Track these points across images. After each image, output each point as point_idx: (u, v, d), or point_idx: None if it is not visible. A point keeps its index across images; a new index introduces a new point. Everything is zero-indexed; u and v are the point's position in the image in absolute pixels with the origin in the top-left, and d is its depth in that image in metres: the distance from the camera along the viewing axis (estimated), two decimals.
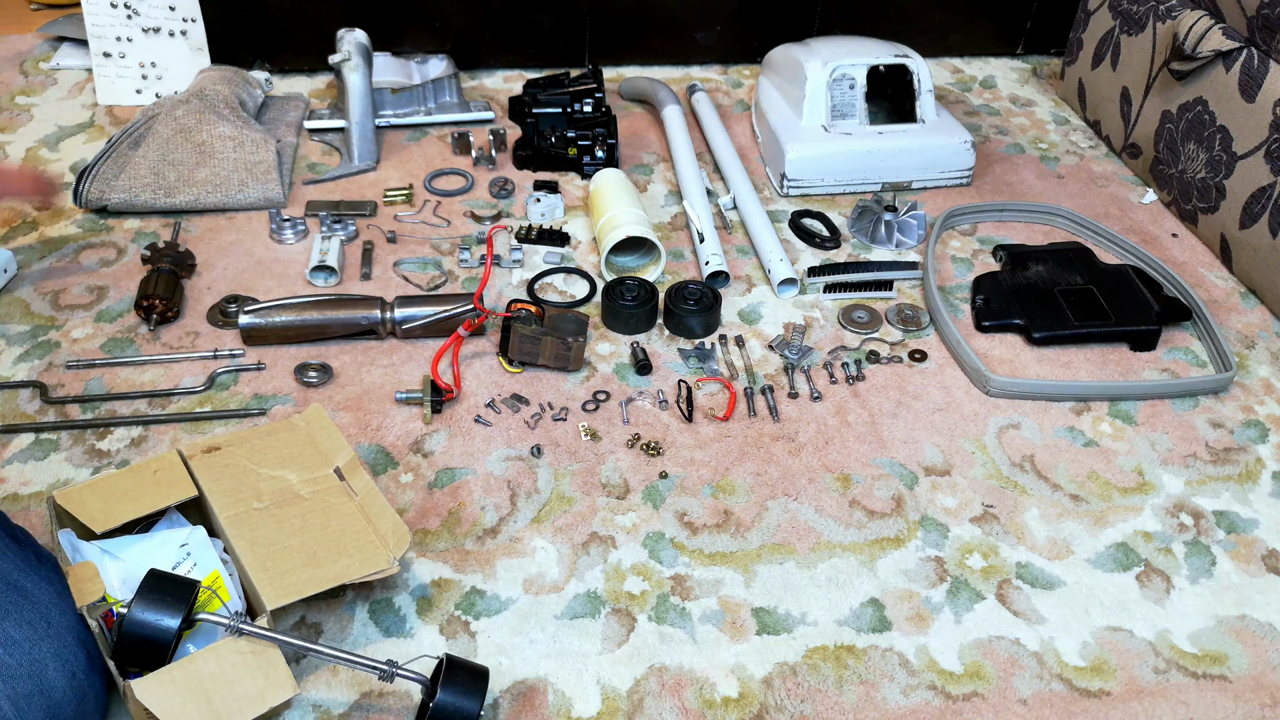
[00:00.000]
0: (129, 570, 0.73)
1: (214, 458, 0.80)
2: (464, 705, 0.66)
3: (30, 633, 0.63)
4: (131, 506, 0.75)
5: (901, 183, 1.29)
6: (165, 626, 0.65)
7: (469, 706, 0.66)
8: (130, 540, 0.76)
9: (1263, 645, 0.78)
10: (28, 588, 0.65)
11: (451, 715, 0.66)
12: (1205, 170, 1.19)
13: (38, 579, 0.67)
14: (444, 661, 0.68)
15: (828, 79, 1.27)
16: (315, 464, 0.81)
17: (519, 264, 1.15)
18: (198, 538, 0.76)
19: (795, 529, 0.85)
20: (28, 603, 0.64)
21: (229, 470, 0.79)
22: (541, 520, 0.85)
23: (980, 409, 0.98)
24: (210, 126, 1.21)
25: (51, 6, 1.68)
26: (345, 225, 1.17)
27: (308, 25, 1.46)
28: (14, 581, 0.65)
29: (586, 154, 1.31)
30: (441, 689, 0.66)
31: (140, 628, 0.65)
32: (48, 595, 0.66)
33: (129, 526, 0.76)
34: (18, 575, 0.66)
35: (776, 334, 1.06)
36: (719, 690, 0.73)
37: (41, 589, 0.66)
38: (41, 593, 0.66)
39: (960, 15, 1.60)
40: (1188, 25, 1.18)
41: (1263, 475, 0.92)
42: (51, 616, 0.65)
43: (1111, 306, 1.07)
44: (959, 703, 0.73)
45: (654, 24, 1.53)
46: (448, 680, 0.67)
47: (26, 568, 0.67)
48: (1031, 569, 0.83)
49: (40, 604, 0.65)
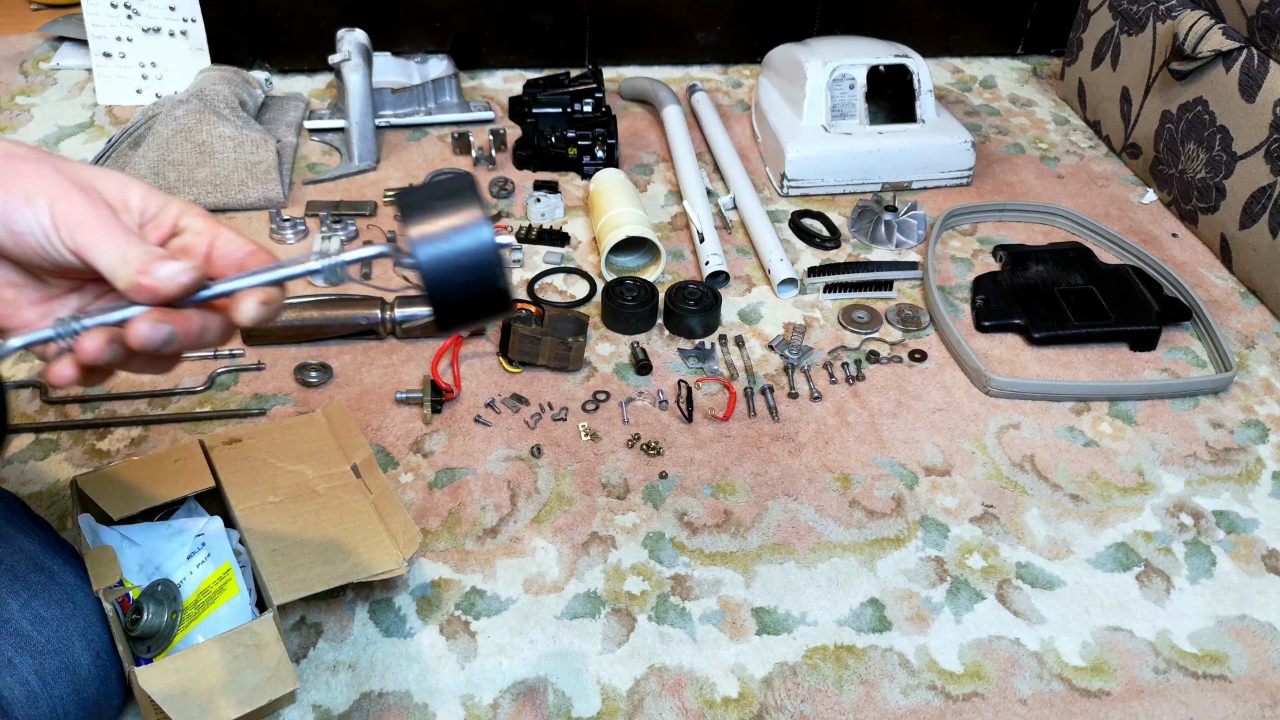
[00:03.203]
0: (146, 556, 0.74)
1: (235, 449, 0.81)
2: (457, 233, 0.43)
3: (58, 611, 0.64)
4: (150, 494, 0.76)
5: (901, 183, 1.29)
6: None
7: (476, 235, 0.44)
8: (148, 527, 0.76)
9: (1263, 645, 0.78)
10: (54, 569, 0.67)
11: (449, 262, 0.43)
12: (1205, 170, 1.19)
13: (61, 562, 0.68)
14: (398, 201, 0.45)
15: (828, 79, 1.27)
16: (333, 460, 0.81)
17: (519, 264, 1.15)
18: (213, 528, 0.76)
19: (795, 529, 0.85)
20: (54, 583, 0.65)
21: (248, 463, 0.80)
22: (541, 520, 0.85)
23: (980, 409, 0.98)
24: (210, 126, 1.21)
25: (51, 6, 1.68)
26: (345, 225, 1.17)
27: (308, 25, 1.46)
28: (41, 563, 0.66)
29: (586, 154, 1.31)
30: (413, 229, 0.43)
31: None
32: (72, 578, 0.67)
33: (149, 513, 0.77)
34: (44, 557, 0.67)
35: (776, 334, 1.06)
36: (719, 690, 0.73)
37: (66, 571, 0.67)
38: (66, 575, 0.67)
39: (960, 15, 1.60)
40: (1188, 25, 1.18)
41: (1263, 475, 0.92)
42: (77, 598, 0.66)
43: (1111, 306, 1.07)
44: (959, 703, 0.73)
45: (654, 24, 1.53)
46: (410, 216, 0.44)
47: (51, 551, 0.68)
48: (1031, 569, 0.83)
49: (66, 585, 0.66)
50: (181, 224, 0.47)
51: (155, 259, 0.42)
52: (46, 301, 0.47)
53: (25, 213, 0.42)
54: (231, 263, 0.46)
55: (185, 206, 0.47)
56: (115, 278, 0.42)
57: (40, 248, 0.43)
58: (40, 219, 0.42)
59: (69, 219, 0.42)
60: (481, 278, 0.43)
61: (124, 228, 0.43)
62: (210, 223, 0.47)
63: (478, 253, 0.43)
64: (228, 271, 0.45)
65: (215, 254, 0.46)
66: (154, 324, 0.42)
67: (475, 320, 0.46)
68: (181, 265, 0.42)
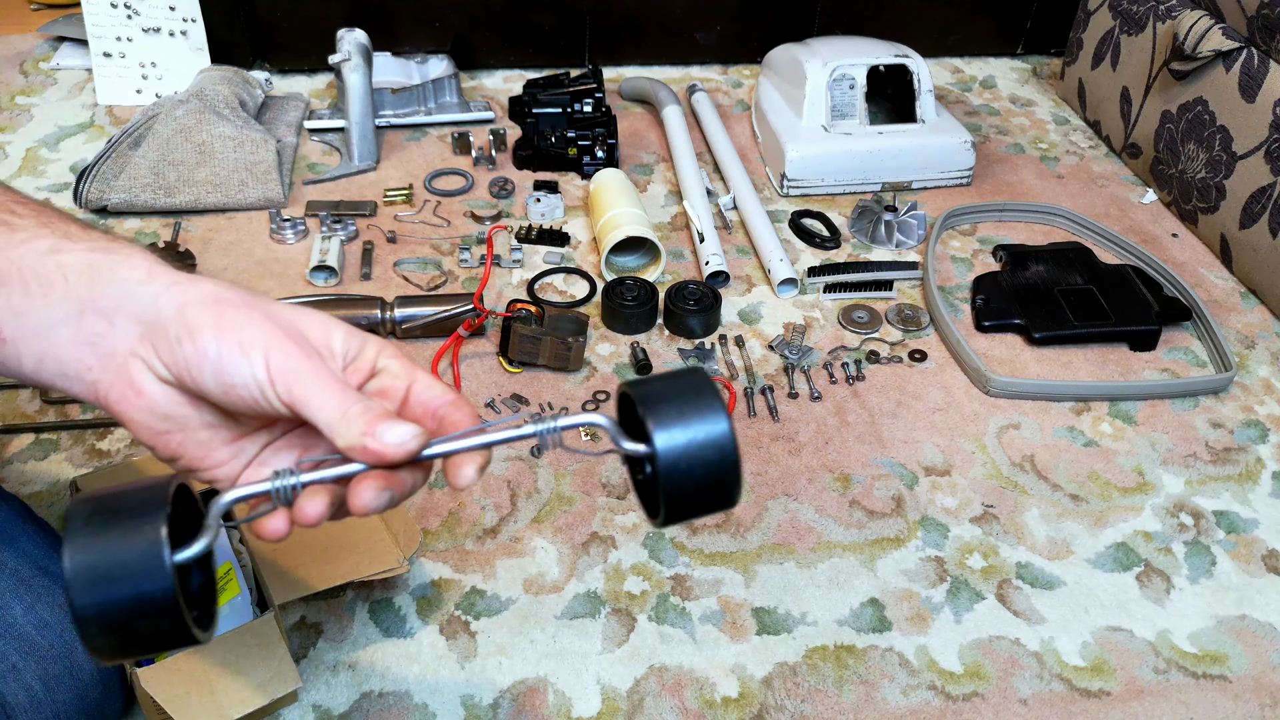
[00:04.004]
0: None
1: None
2: (707, 436, 0.42)
3: (62, 616, 0.63)
4: None
5: (901, 183, 1.29)
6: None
7: (716, 431, 0.42)
8: None
9: (1263, 645, 0.78)
10: (57, 573, 0.66)
11: (697, 463, 0.42)
12: (1205, 170, 1.19)
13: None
14: (624, 396, 0.44)
15: (828, 79, 1.27)
16: None
17: (519, 264, 1.15)
18: None
19: (795, 529, 0.85)
20: (58, 587, 0.65)
21: None
22: (541, 520, 0.85)
23: (980, 409, 0.98)
24: (210, 126, 1.21)
25: (51, 6, 1.68)
26: (345, 225, 1.17)
27: (308, 25, 1.46)
28: (44, 567, 0.66)
29: (586, 154, 1.31)
30: (656, 430, 0.41)
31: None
32: None
33: None
34: (47, 561, 0.67)
35: (776, 334, 1.06)
36: (719, 690, 0.73)
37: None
38: None
39: (960, 15, 1.60)
40: (1188, 25, 1.18)
41: (1263, 475, 0.92)
42: None
43: (1111, 306, 1.07)
44: (959, 703, 0.73)
45: (654, 24, 1.53)
46: (653, 410, 0.42)
47: (54, 555, 0.68)
48: (1031, 569, 0.83)
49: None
50: (379, 365, 0.46)
51: (378, 420, 0.41)
52: (238, 440, 0.46)
53: (241, 366, 0.41)
54: (429, 410, 0.45)
55: (382, 346, 0.46)
56: (335, 435, 0.41)
57: (254, 400, 0.42)
58: (256, 373, 0.41)
59: (284, 372, 0.41)
60: (715, 478, 0.42)
61: (340, 381, 0.42)
62: (408, 365, 0.46)
63: (717, 448, 0.41)
64: (425, 420, 0.44)
65: (412, 399, 0.46)
66: (378, 492, 0.41)
67: (697, 514, 0.44)
68: (410, 431, 0.41)
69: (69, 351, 0.43)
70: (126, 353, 0.43)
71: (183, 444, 0.45)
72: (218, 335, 0.41)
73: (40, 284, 0.43)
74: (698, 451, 0.41)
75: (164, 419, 0.44)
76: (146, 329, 0.43)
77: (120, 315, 0.43)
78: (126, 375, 0.43)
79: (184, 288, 0.43)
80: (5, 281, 0.43)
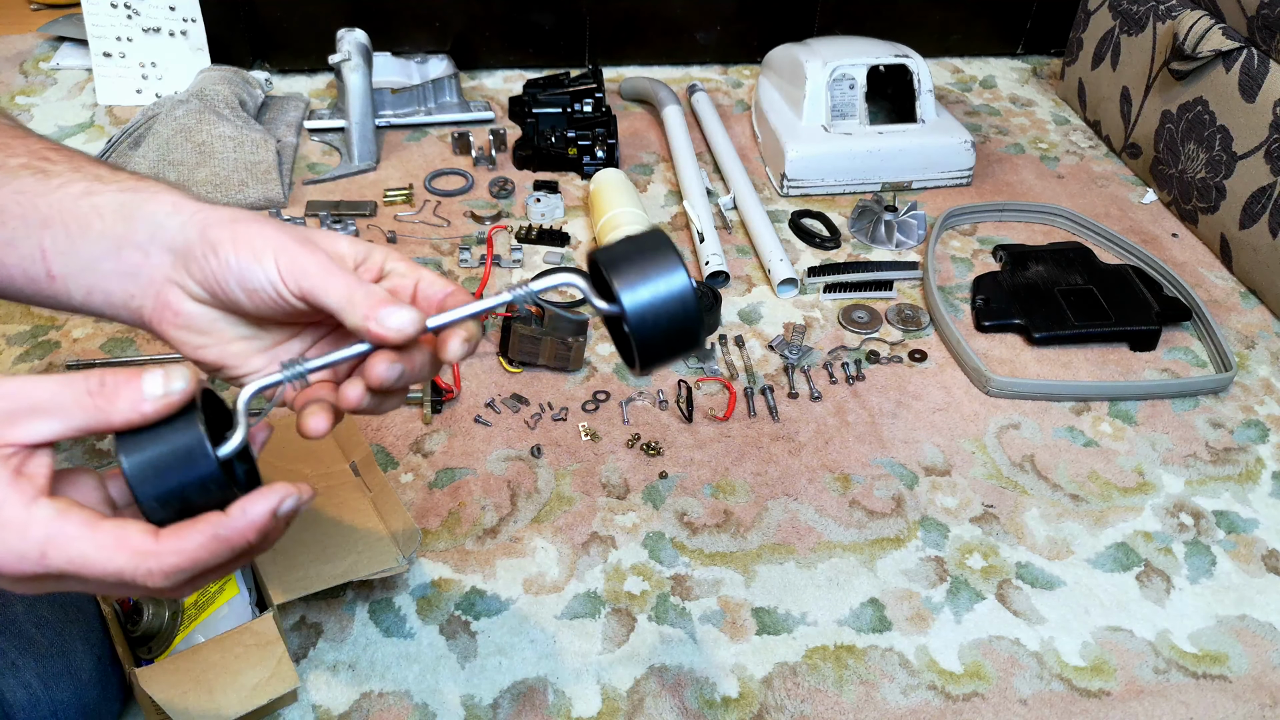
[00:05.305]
0: None
1: None
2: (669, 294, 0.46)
3: (60, 614, 0.64)
4: None
5: (901, 183, 1.29)
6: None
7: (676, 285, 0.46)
8: None
9: (1263, 645, 0.78)
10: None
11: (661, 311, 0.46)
12: (1205, 170, 1.19)
13: None
14: (591, 261, 0.49)
15: (828, 79, 1.27)
16: (332, 459, 0.81)
17: (519, 264, 1.15)
18: None
19: (795, 529, 0.85)
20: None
21: None
22: (541, 520, 0.85)
23: (980, 409, 0.98)
24: (210, 126, 1.21)
25: (51, 6, 1.68)
26: (345, 225, 1.17)
27: (308, 25, 1.46)
28: None
29: (586, 154, 1.31)
30: (622, 290, 0.46)
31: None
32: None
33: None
34: None
35: (776, 334, 1.06)
36: (719, 690, 0.73)
37: None
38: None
39: (960, 15, 1.60)
40: (1188, 25, 1.18)
41: (1263, 475, 0.92)
42: (80, 601, 0.66)
43: (1111, 306, 1.07)
44: (959, 703, 0.73)
45: (654, 24, 1.53)
46: (615, 268, 0.46)
47: None
48: (1031, 569, 0.83)
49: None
50: (387, 268, 0.51)
51: (380, 303, 0.46)
52: (271, 349, 0.51)
53: (256, 271, 0.46)
54: (434, 303, 0.50)
55: (387, 253, 0.52)
56: (344, 316, 0.46)
57: (272, 299, 0.47)
58: (269, 274, 0.46)
59: (293, 269, 0.46)
60: (679, 326, 0.47)
61: (345, 272, 0.47)
62: (412, 266, 0.51)
63: (678, 300, 0.47)
64: (431, 310, 0.49)
65: (419, 295, 0.51)
66: (389, 364, 0.46)
67: (670, 360, 0.49)
68: (409, 315, 0.46)
69: (113, 283, 0.48)
70: (163, 280, 0.48)
71: (221, 355, 0.50)
72: (235, 247, 0.46)
73: (79, 224, 0.47)
74: (661, 305, 0.46)
75: (202, 334, 0.49)
76: (177, 256, 0.47)
77: (154, 247, 0.47)
78: (165, 299, 0.48)
79: (206, 213, 0.48)
80: (49, 224, 0.47)
